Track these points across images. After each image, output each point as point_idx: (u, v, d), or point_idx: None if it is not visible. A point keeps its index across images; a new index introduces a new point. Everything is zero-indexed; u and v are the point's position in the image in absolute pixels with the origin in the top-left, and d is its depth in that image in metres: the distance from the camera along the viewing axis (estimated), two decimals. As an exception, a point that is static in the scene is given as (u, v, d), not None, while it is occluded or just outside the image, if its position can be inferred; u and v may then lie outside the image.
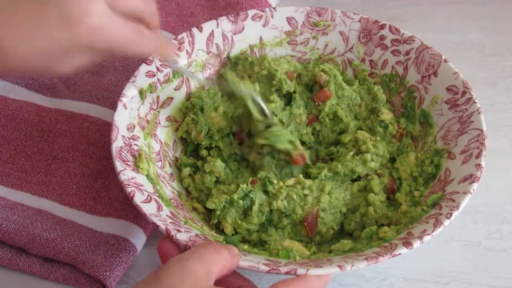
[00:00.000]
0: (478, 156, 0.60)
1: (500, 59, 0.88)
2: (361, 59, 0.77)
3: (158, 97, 0.70)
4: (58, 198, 0.67)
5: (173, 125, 0.70)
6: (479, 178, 0.58)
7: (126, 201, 0.66)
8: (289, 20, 0.77)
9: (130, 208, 0.65)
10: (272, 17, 0.77)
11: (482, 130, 0.62)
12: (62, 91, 0.78)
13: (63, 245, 0.61)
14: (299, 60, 0.78)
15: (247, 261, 0.52)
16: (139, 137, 0.64)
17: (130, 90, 0.66)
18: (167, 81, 0.71)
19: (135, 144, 0.63)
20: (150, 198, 0.58)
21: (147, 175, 0.61)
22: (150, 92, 0.69)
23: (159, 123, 0.69)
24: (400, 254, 0.52)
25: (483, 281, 0.62)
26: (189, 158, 0.69)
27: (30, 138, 0.73)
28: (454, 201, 0.57)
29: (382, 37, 0.75)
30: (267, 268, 0.51)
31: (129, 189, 0.57)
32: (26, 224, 0.63)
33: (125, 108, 0.65)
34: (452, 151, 0.64)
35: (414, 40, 0.73)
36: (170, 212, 0.58)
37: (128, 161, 0.60)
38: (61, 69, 0.52)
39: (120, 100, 0.65)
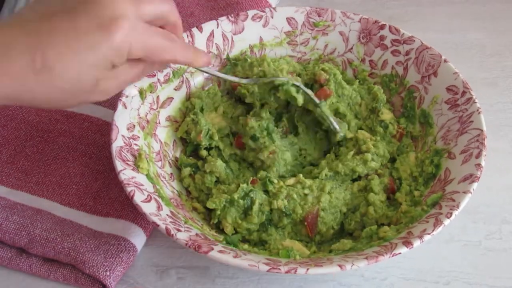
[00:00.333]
0: (478, 156, 0.60)
1: (500, 59, 0.88)
2: (361, 59, 0.77)
3: (158, 97, 0.70)
4: (58, 198, 0.67)
5: (173, 125, 0.70)
6: (479, 177, 0.58)
7: (126, 201, 0.66)
8: (289, 20, 0.77)
9: (130, 208, 0.65)
10: (272, 17, 0.77)
11: (482, 130, 0.62)
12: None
13: (63, 245, 0.61)
14: (299, 61, 0.78)
15: (247, 260, 0.52)
16: (139, 137, 0.64)
17: (130, 90, 0.66)
18: (167, 81, 0.71)
19: (135, 144, 0.63)
20: (150, 197, 0.58)
21: (147, 175, 0.61)
22: (150, 92, 0.69)
23: (159, 123, 0.69)
24: (400, 253, 0.52)
25: (483, 281, 0.62)
26: (189, 158, 0.69)
27: (30, 138, 0.73)
28: (454, 200, 0.57)
29: (382, 37, 0.75)
30: (267, 268, 0.51)
31: (129, 189, 0.57)
32: (26, 224, 0.63)
33: (125, 108, 0.65)
34: (452, 151, 0.64)
35: (414, 40, 0.73)
36: (170, 211, 0.58)
37: (128, 160, 0.60)
38: (107, 88, 0.50)
39: (120, 100, 0.65)
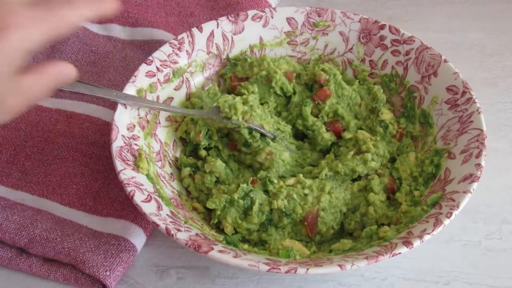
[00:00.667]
0: (478, 155, 0.60)
1: (500, 59, 0.88)
2: (361, 59, 0.77)
3: (158, 97, 0.70)
4: (58, 198, 0.67)
5: (173, 125, 0.70)
6: (479, 177, 0.58)
7: (126, 201, 0.66)
8: (289, 20, 0.77)
9: (130, 208, 0.65)
10: (272, 17, 0.77)
11: (482, 130, 0.62)
12: (62, 91, 0.78)
13: (63, 245, 0.61)
14: (299, 61, 0.78)
15: (247, 260, 0.52)
16: (139, 137, 0.64)
17: (130, 90, 0.66)
18: (167, 81, 0.71)
19: (135, 144, 0.63)
20: (150, 197, 0.58)
21: (147, 175, 0.61)
22: (150, 92, 0.69)
23: (159, 123, 0.69)
24: (400, 253, 0.52)
25: (483, 281, 0.62)
26: (188, 158, 0.69)
27: (30, 138, 0.73)
28: (454, 200, 0.57)
29: (382, 38, 0.75)
30: (267, 267, 0.51)
31: (129, 189, 0.57)
32: (26, 224, 0.63)
33: (125, 108, 0.65)
34: (452, 151, 0.64)
35: (414, 40, 0.73)
36: (170, 211, 0.58)
37: (128, 160, 0.60)
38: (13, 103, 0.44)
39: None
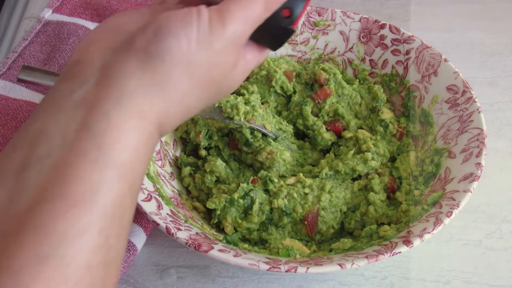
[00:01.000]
0: (478, 155, 0.60)
1: (500, 59, 0.88)
2: (361, 59, 0.77)
3: (158, 96, 0.69)
4: (58, 197, 0.67)
5: (173, 124, 0.70)
6: (479, 176, 0.58)
7: (126, 200, 0.65)
8: (289, 19, 0.77)
9: (130, 207, 0.65)
10: (272, 16, 0.77)
11: (482, 129, 0.62)
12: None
13: (63, 244, 0.61)
14: (299, 60, 0.78)
15: (247, 259, 0.52)
16: (139, 136, 0.64)
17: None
18: (167, 80, 0.71)
19: (135, 143, 0.63)
20: (151, 196, 0.58)
21: (147, 174, 0.61)
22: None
23: (159, 122, 0.69)
24: (400, 252, 0.52)
25: (483, 280, 0.62)
26: (188, 157, 0.69)
27: (30, 138, 0.73)
28: (454, 199, 0.57)
29: (382, 37, 0.75)
30: (267, 266, 0.51)
31: (129, 188, 0.56)
32: (26, 223, 0.63)
33: (125, 107, 0.65)
34: (452, 150, 0.64)
35: (414, 40, 0.73)
36: (171, 210, 0.58)
37: (128, 160, 0.60)
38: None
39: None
